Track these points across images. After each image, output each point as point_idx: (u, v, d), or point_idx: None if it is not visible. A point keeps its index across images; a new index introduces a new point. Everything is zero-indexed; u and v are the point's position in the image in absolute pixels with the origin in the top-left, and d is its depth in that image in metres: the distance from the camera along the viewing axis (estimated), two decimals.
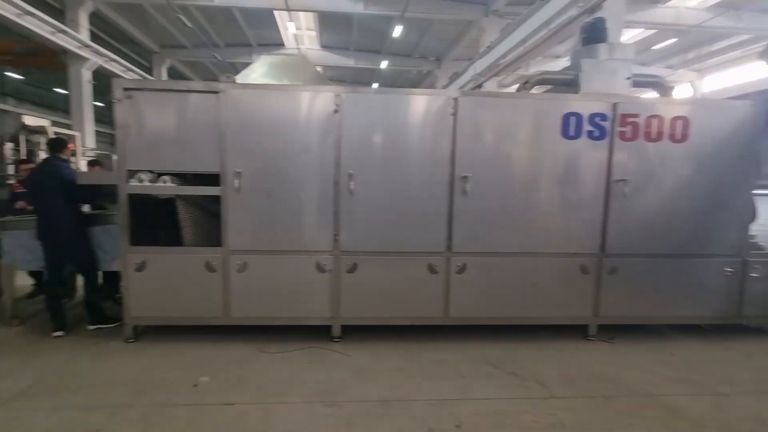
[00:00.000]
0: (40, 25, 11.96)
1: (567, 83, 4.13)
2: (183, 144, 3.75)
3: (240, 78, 4.08)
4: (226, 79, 3.73)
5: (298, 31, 17.15)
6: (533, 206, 3.91)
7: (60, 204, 3.94)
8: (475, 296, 3.96)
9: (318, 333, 4.01)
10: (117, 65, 15.63)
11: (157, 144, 3.75)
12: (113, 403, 2.94)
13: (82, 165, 10.14)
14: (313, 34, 17.71)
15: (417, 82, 23.54)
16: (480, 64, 12.06)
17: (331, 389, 3.16)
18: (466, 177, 3.75)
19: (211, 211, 4.26)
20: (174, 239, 3.95)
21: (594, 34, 4.22)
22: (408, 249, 3.87)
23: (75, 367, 3.48)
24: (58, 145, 4.24)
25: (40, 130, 9.29)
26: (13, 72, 21.06)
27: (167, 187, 3.79)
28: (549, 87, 4.35)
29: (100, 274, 4.37)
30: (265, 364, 3.56)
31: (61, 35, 12.75)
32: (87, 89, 14.45)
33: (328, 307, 3.91)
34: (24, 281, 5.02)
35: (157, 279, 3.86)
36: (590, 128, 3.79)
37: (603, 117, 3.80)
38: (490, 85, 11.30)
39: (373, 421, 2.78)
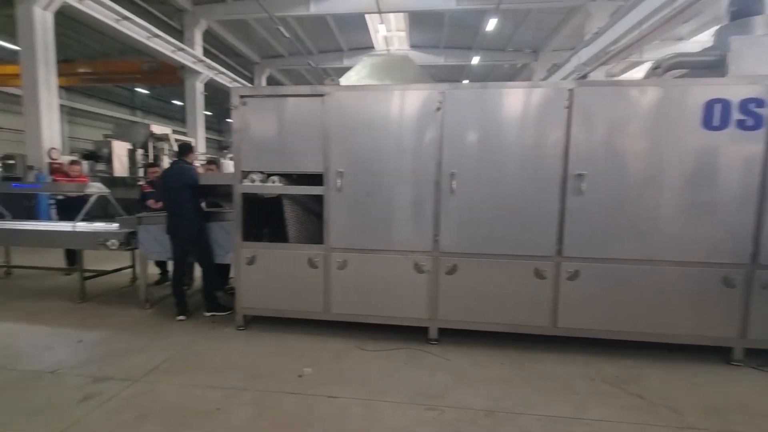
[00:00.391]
0: (164, 45, 13.59)
1: (709, 66, 3.56)
2: (290, 146, 3.93)
3: (343, 80, 4.18)
4: (330, 83, 3.84)
5: (388, 33, 17.40)
6: (661, 208, 3.43)
7: (186, 202, 4.38)
8: (589, 306, 3.60)
9: (414, 334, 3.96)
10: (224, 77, 17.23)
11: (266, 146, 3.99)
12: (230, 385, 3.15)
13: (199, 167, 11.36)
14: (403, 34, 17.86)
15: (510, 76, 22.62)
16: (585, 53, 11.14)
17: (432, 392, 3.07)
18: (581, 175, 3.42)
19: (312, 210, 4.44)
20: (280, 236, 4.17)
21: (746, 6, 3.60)
22: (512, 252, 3.64)
23: (196, 348, 3.82)
24: (184, 149, 4.73)
25: (164, 138, 10.56)
26: (142, 88, 24.26)
27: (276, 186, 4.01)
28: (684, 72, 3.79)
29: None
30: (364, 360, 3.59)
31: (180, 53, 14.37)
32: (200, 100, 16.14)
33: (426, 309, 3.83)
34: (152, 270, 5.68)
35: (264, 273, 4.10)
36: (741, 117, 3.21)
37: (759, 103, 3.20)
38: (597, 75, 10.36)
39: (479, 431, 2.64)
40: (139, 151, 10.26)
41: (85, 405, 2.87)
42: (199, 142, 15.93)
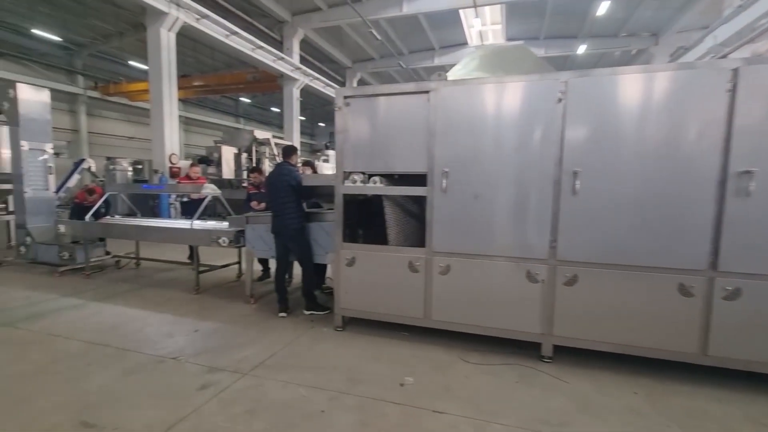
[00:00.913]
0: (266, 55, 14.55)
1: None
2: (392, 146, 3.82)
3: (449, 75, 3.98)
4: (437, 78, 3.65)
5: (483, 27, 16.81)
6: None
7: (290, 202, 4.50)
8: (752, 333, 2.94)
9: (523, 349, 3.61)
10: (319, 82, 18.03)
11: (368, 147, 3.92)
12: (332, 387, 3.11)
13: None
14: (499, 27, 17.13)
15: (621, 64, 20.58)
16: (723, 31, 9.55)
17: (552, 418, 2.72)
18: (749, 172, 2.81)
19: (411, 212, 4.29)
20: (379, 238, 4.08)
21: None
22: (648, 263, 3.12)
23: (298, 346, 3.88)
24: (288, 152, 4.88)
25: (266, 142, 11.28)
26: (245, 97, 26.42)
27: (377, 187, 3.93)
28: None
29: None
30: (469, 374, 3.34)
31: (280, 62, 15.30)
32: (296, 106, 17.05)
33: (539, 322, 3.46)
34: (256, 266, 5.98)
35: (363, 275, 4.04)
36: None
37: None
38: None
39: None
40: (244, 155, 11.08)
41: (203, 394, 3.01)
42: (295, 145, 16.87)
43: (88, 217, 6.40)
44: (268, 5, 14.93)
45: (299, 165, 5.73)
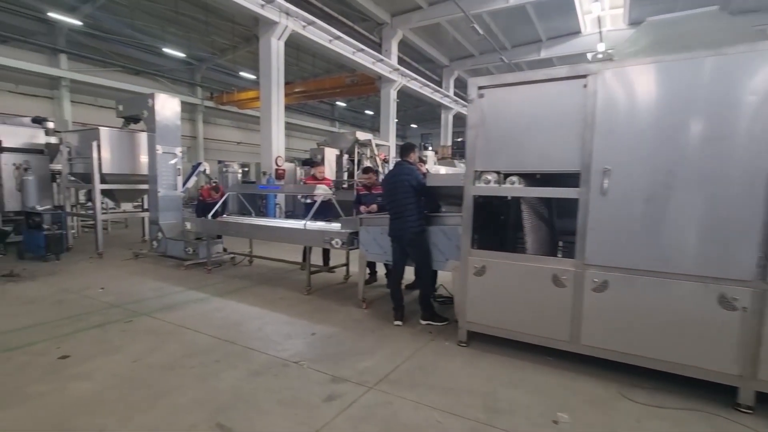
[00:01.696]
0: (365, 58, 14.73)
1: None
2: (534, 141, 3.34)
3: (616, 56, 3.37)
4: (598, 59, 3.08)
5: (602, 12, 15.28)
6: None
7: (410, 204, 4.21)
8: None
9: (706, 391, 2.89)
10: (416, 83, 17.89)
11: (505, 142, 3.48)
12: (470, 415, 2.73)
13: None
14: (620, 11, 15.45)
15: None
16: None
17: None
18: None
19: (546, 216, 3.75)
20: (513, 245, 3.60)
21: None
22: None
23: (421, 360, 3.56)
24: (406, 149, 4.60)
25: (367, 143, 11.34)
26: (341, 101, 27.31)
27: (516, 188, 3.46)
28: None
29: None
30: (640, 417, 2.72)
31: (379, 64, 15.40)
32: (393, 108, 17.07)
33: (736, 361, 2.72)
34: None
35: (495, 286, 3.60)
36: None
37: None
38: None
39: None
40: (345, 157, 11.24)
41: (330, 406, 2.82)
42: (392, 146, 16.87)
43: (209, 216, 6.82)
44: (369, 8, 15.12)
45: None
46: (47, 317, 4.50)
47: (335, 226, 5.43)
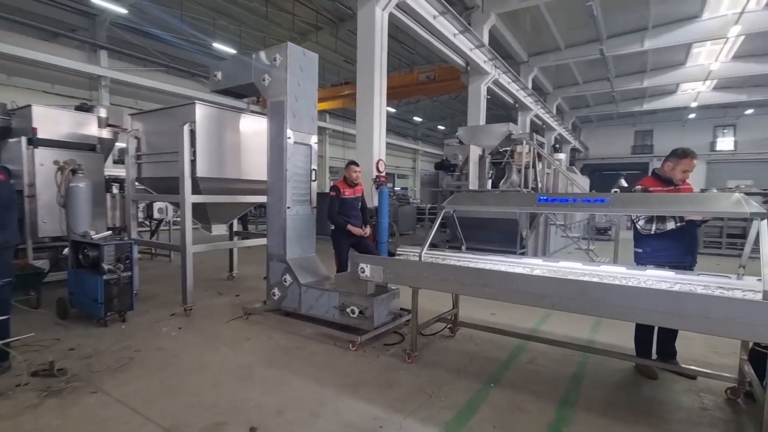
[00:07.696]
0: (465, 42, 12.05)
1: None
2: None
3: None
4: None
5: None
6: None
7: None
8: None
9: None
10: (506, 77, 15.17)
11: None
12: None
13: None
14: None
15: None
16: None
17: None
18: None
19: None
20: None
21: None
22: None
23: None
24: None
25: (525, 141, 8.53)
26: (390, 107, 24.53)
27: None
28: None
29: None
30: None
31: (476, 51, 12.74)
32: (483, 106, 14.29)
33: None
34: None
35: None
36: None
37: None
38: None
39: None
40: (487, 158, 8.45)
41: None
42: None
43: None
44: None
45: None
46: None
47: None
